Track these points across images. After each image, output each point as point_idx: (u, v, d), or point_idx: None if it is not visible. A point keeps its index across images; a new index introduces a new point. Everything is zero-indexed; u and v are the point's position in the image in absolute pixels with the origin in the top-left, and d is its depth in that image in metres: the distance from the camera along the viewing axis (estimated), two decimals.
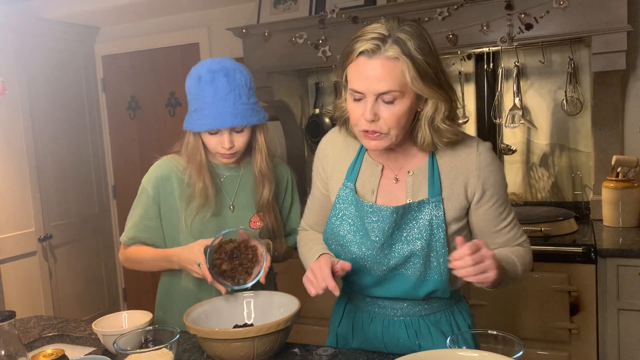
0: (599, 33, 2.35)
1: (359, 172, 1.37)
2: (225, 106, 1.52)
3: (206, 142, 1.60)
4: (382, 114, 1.19)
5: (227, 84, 1.53)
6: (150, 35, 3.89)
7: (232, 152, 1.59)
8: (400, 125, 1.21)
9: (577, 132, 2.88)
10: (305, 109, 3.44)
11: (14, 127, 3.37)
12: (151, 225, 1.67)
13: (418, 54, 1.16)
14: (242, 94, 1.55)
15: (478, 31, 2.55)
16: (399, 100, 1.18)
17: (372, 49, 1.16)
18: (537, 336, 2.36)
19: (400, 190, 1.32)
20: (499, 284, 1.23)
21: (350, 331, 1.45)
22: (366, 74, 1.17)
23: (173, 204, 1.65)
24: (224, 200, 1.67)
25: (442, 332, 1.36)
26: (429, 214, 1.28)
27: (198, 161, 1.61)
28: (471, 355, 1.00)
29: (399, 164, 1.34)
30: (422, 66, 1.16)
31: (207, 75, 1.53)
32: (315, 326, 2.48)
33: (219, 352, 1.27)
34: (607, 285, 2.28)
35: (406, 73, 1.16)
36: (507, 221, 1.35)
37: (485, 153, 1.30)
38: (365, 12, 2.73)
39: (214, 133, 1.56)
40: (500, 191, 1.33)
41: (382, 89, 1.17)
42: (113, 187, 4.21)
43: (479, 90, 2.99)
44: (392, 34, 1.16)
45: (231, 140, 1.57)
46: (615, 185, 2.57)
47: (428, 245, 1.27)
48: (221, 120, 1.53)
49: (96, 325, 1.43)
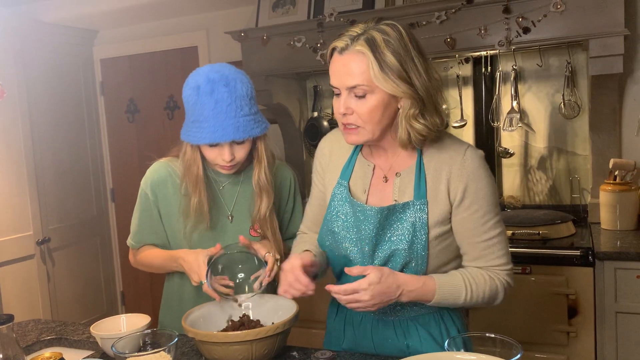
0: (596, 37, 2.36)
1: (353, 170, 1.41)
2: (227, 119, 1.46)
3: (205, 153, 1.55)
4: (355, 109, 1.26)
5: (228, 96, 1.47)
6: (149, 38, 3.89)
7: (232, 165, 1.56)
8: (373, 120, 1.26)
9: (574, 135, 2.89)
10: (304, 112, 3.44)
11: (13, 130, 3.37)
12: (154, 226, 1.66)
13: (386, 50, 1.21)
14: (244, 105, 1.49)
15: (476, 35, 2.55)
16: (370, 95, 1.24)
17: (342, 47, 1.24)
18: (535, 339, 2.36)
19: (389, 191, 1.35)
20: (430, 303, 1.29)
21: (342, 329, 1.48)
22: (337, 69, 1.26)
23: (170, 208, 1.64)
24: (222, 210, 1.65)
25: (431, 333, 1.37)
26: (412, 216, 1.29)
27: (195, 174, 1.57)
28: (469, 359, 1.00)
29: (388, 164, 1.37)
30: (388, 63, 1.21)
31: (206, 85, 1.47)
32: (313, 329, 2.48)
33: (217, 355, 1.27)
34: (605, 288, 2.28)
35: (370, 68, 1.21)
36: (487, 236, 1.30)
37: (472, 159, 1.29)
38: (363, 16, 2.74)
39: (214, 145, 1.52)
40: (483, 202, 1.29)
41: (351, 83, 1.23)
42: (112, 190, 4.21)
43: (476, 94, 3.00)
44: (366, 32, 1.23)
45: (232, 152, 1.52)
46: (613, 188, 2.57)
47: (410, 247, 1.29)
48: (222, 134, 1.47)
49: (94, 328, 1.43)
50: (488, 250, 1.30)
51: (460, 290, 1.27)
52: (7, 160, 3.34)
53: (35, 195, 3.50)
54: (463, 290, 1.27)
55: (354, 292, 1.21)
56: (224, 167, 1.57)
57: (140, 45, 3.93)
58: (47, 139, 3.64)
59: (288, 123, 3.35)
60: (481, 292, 1.29)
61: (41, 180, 3.57)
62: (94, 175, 4.07)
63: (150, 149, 1.88)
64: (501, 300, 1.33)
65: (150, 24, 3.87)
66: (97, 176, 4.10)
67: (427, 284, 1.26)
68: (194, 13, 3.70)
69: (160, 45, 3.87)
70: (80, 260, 3.91)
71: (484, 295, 1.29)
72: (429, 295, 1.27)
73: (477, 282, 1.29)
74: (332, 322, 1.52)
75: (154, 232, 1.67)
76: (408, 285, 1.24)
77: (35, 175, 3.51)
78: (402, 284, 1.24)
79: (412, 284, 1.25)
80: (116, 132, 4.14)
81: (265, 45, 2.98)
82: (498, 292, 1.31)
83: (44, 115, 3.62)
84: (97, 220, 4.09)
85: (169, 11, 3.61)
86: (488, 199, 1.30)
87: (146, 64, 3.97)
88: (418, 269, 1.30)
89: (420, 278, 1.27)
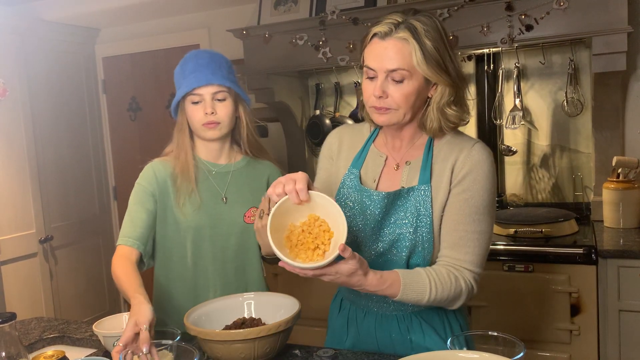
0: (600, 34, 2.35)
1: (364, 161, 1.43)
2: (207, 70, 1.59)
3: (190, 116, 1.61)
4: (390, 92, 1.28)
5: (210, 58, 1.62)
6: (151, 36, 3.89)
7: (215, 120, 1.60)
8: (408, 104, 1.29)
9: (577, 133, 2.88)
10: (306, 110, 3.44)
11: (15, 128, 3.38)
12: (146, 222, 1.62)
13: (427, 39, 1.26)
14: (223, 67, 1.62)
15: (478, 32, 2.55)
16: (408, 81, 1.27)
17: (385, 32, 1.27)
18: (537, 337, 2.36)
19: (397, 178, 1.38)
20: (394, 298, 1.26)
21: (345, 326, 1.47)
22: (378, 52, 1.28)
23: (168, 202, 1.64)
24: (215, 193, 1.66)
25: (434, 329, 1.38)
26: (417, 200, 1.32)
27: (184, 160, 1.62)
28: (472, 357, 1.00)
29: (401, 154, 1.40)
30: (429, 51, 1.26)
31: (190, 55, 1.65)
32: (315, 327, 2.48)
33: (219, 354, 1.27)
34: (607, 286, 2.27)
35: (413, 54, 1.25)
36: (468, 227, 1.29)
37: (479, 152, 1.33)
38: (366, 14, 2.73)
39: (197, 102, 1.59)
40: (477, 194, 1.30)
41: (392, 66, 1.26)
42: (114, 188, 4.21)
43: (479, 92, 2.99)
44: (406, 20, 1.28)
45: (213, 107, 1.59)
46: (616, 186, 2.56)
47: (414, 231, 1.32)
48: (202, 78, 1.57)
49: (97, 326, 1.43)
50: (463, 241, 1.30)
51: (425, 291, 1.27)
52: (10, 158, 3.34)
53: (37, 194, 3.51)
54: (427, 292, 1.27)
55: (320, 270, 1.17)
56: (209, 125, 1.60)
57: (142, 43, 3.93)
58: (49, 137, 3.65)
59: (290, 121, 3.35)
60: (445, 294, 1.28)
61: (43, 178, 3.58)
62: (96, 173, 4.08)
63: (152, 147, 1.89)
64: (461, 304, 1.32)
65: (152, 22, 3.87)
66: (99, 174, 4.11)
67: (392, 286, 1.25)
68: (195, 11, 3.69)
69: (162, 43, 3.87)
70: (83, 259, 3.92)
71: (447, 298, 1.29)
72: (392, 295, 1.26)
73: (443, 284, 1.28)
74: (335, 320, 1.52)
75: (144, 226, 1.62)
76: (371, 287, 1.23)
77: (37, 173, 3.52)
78: (367, 285, 1.22)
79: (376, 285, 1.23)
80: (118, 130, 4.15)
81: (267, 43, 2.97)
82: (461, 295, 1.30)
83: (46, 113, 3.63)
84: (99, 218, 4.10)
85: (170, 9, 3.61)
86: (483, 192, 1.30)
87: (148, 62, 3.97)
88: (425, 253, 1.32)
89: (387, 280, 1.25)
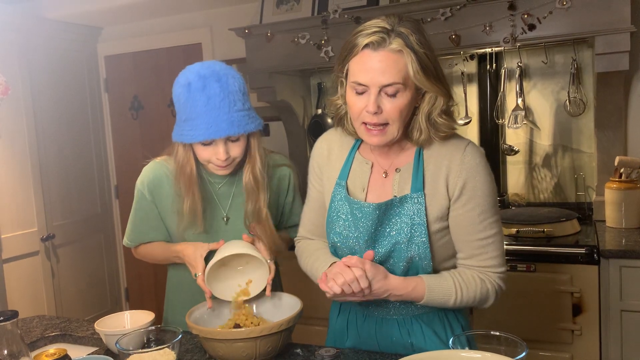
0: (602, 34, 2.35)
1: (350, 169, 1.39)
2: (220, 114, 1.41)
3: (199, 153, 1.49)
4: (384, 107, 1.22)
5: (221, 91, 1.41)
6: (153, 35, 3.89)
7: (228, 164, 1.50)
8: (402, 118, 1.24)
9: (580, 132, 2.88)
10: (308, 109, 3.44)
11: (17, 126, 3.38)
12: (153, 223, 1.65)
13: (420, 47, 1.19)
14: (237, 100, 1.43)
15: (481, 32, 2.54)
16: (401, 93, 1.21)
17: (377, 42, 1.19)
18: (539, 337, 2.36)
19: (388, 186, 1.34)
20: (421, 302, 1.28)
21: (345, 329, 1.47)
22: (371, 66, 1.19)
23: (167, 207, 1.62)
24: (217, 211, 1.61)
25: (435, 331, 1.37)
26: (410, 210, 1.28)
27: (188, 175, 1.51)
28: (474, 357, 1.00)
29: (389, 160, 1.35)
30: (423, 60, 1.20)
31: (198, 82, 1.41)
32: (317, 326, 2.48)
33: (221, 353, 1.27)
34: (609, 286, 2.27)
35: (409, 66, 1.19)
36: (482, 235, 1.28)
37: (472, 155, 1.28)
38: (368, 13, 2.73)
39: (208, 144, 1.46)
40: (480, 200, 1.27)
41: (386, 81, 1.19)
42: (115, 187, 4.21)
43: (481, 91, 2.99)
44: (395, 28, 1.19)
45: (227, 150, 1.46)
46: (618, 186, 2.56)
47: (409, 241, 1.28)
48: (216, 130, 1.41)
49: (98, 325, 1.44)
50: (482, 249, 1.29)
51: (450, 293, 1.27)
52: (12, 156, 3.35)
53: (39, 192, 3.51)
54: (453, 294, 1.27)
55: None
56: (219, 167, 1.50)
57: (144, 42, 3.94)
58: (51, 135, 3.65)
59: (292, 120, 3.34)
60: (472, 295, 1.28)
61: (45, 176, 3.58)
62: (98, 171, 4.08)
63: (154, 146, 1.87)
64: (492, 303, 1.32)
65: (154, 21, 3.87)
66: (101, 173, 4.11)
67: (417, 289, 1.26)
68: (197, 10, 3.69)
69: (164, 42, 3.87)
70: (85, 257, 3.92)
71: (475, 299, 1.29)
72: (418, 298, 1.27)
73: (468, 285, 1.27)
74: (335, 321, 1.51)
75: (154, 229, 1.65)
76: (397, 290, 1.24)
77: (39, 171, 3.52)
78: (391, 289, 1.24)
79: (401, 289, 1.25)
80: (120, 129, 4.15)
81: (269, 42, 2.97)
82: (489, 296, 1.30)
83: (48, 112, 3.63)
84: (101, 216, 4.10)
85: (172, 8, 3.61)
86: (486, 197, 1.28)
87: (150, 61, 3.97)
88: (422, 264, 1.29)
89: (411, 282, 1.26)
